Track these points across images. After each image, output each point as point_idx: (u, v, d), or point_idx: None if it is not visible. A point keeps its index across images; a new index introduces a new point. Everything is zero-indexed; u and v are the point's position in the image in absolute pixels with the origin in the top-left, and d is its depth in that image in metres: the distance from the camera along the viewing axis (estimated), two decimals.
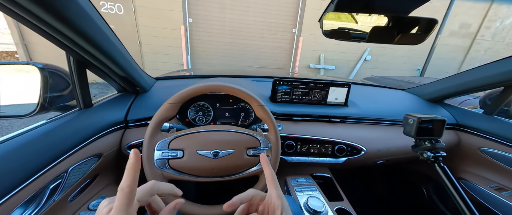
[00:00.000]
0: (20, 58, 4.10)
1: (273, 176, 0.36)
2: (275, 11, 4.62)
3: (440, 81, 1.04)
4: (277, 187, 0.35)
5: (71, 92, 0.62)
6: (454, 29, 5.15)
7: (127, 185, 0.27)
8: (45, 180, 0.47)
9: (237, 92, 0.60)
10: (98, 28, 0.48)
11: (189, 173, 0.55)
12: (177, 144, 0.55)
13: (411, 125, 0.57)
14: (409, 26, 0.60)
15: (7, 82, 0.62)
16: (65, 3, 0.38)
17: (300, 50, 4.85)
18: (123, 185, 0.27)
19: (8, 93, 0.62)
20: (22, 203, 0.42)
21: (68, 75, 0.60)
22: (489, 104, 0.94)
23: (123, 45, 0.64)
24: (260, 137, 0.61)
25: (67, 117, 0.59)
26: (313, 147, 0.84)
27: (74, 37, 0.44)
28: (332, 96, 0.91)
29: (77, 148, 0.55)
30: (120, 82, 0.75)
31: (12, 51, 6.34)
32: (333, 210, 0.70)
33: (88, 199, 0.63)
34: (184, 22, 4.33)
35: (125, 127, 0.74)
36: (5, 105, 0.60)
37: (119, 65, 0.62)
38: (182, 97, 0.57)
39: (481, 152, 0.88)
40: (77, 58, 0.56)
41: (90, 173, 0.61)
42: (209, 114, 0.84)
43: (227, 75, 1.20)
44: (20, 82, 0.61)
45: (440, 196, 1.05)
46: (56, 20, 0.38)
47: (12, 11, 0.36)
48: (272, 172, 0.37)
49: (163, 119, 0.56)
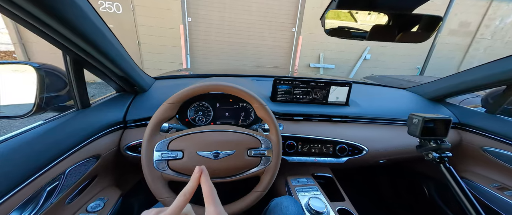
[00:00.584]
0: (18, 57, 4.07)
1: (211, 192, 0.31)
2: (275, 10, 4.60)
3: (441, 79, 1.03)
4: (216, 204, 0.30)
5: (69, 92, 0.61)
6: (454, 28, 5.14)
7: (190, 192, 0.30)
8: (42, 182, 0.46)
9: (237, 91, 0.59)
10: (95, 26, 0.47)
11: (189, 174, 0.55)
12: (177, 144, 0.54)
13: (416, 125, 0.56)
14: (412, 24, 0.59)
15: (3, 82, 0.61)
16: (60, 1, 0.37)
17: (300, 49, 4.84)
18: (187, 191, 0.30)
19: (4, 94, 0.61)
20: (19, 206, 0.41)
21: (65, 74, 0.59)
22: (491, 103, 0.93)
23: (121, 44, 0.63)
24: (261, 137, 0.60)
25: (64, 117, 0.58)
26: (314, 147, 0.83)
27: (69, 36, 0.43)
28: (333, 95, 0.90)
29: (74, 149, 0.54)
30: (119, 82, 0.74)
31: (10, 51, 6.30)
32: (335, 210, 0.69)
33: (87, 201, 0.62)
34: (183, 21, 4.31)
35: (124, 127, 0.73)
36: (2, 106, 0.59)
37: (117, 65, 0.61)
38: (181, 97, 0.56)
39: (483, 151, 0.87)
40: (74, 57, 0.55)
41: (88, 174, 0.60)
42: (209, 114, 0.83)
43: (227, 74, 1.19)
44: (17, 82, 0.60)
45: (442, 196, 1.05)
46: (50, 18, 0.37)
47: (5, 9, 0.35)
48: (211, 187, 0.31)
49: (162, 119, 0.55)
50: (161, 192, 0.51)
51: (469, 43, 5.42)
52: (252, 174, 0.58)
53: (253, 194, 0.57)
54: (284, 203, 0.60)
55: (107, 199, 0.65)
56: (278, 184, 0.87)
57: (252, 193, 0.57)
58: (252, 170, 0.58)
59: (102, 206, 0.62)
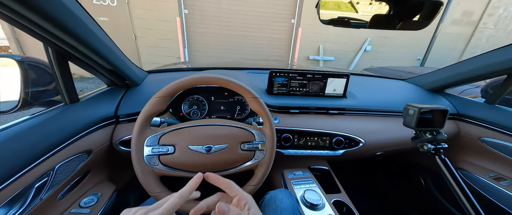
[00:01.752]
0: (13, 52, 4.01)
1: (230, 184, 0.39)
2: (273, 1, 4.48)
3: (441, 70, 1.01)
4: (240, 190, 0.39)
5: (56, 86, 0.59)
6: (456, 18, 5.03)
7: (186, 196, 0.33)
8: (29, 178, 0.45)
9: (230, 84, 0.57)
10: (74, 15, 0.44)
11: (181, 169, 0.54)
12: (168, 139, 0.53)
13: (411, 116, 0.54)
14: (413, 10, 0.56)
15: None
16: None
17: (299, 41, 4.76)
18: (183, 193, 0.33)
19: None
20: (5, 202, 0.40)
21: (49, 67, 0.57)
22: (491, 93, 0.91)
23: (109, 36, 0.60)
24: (255, 130, 0.59)
25: (51, 112, 0.56)
26: (311, 140, 0.82)
27: (46, 25, 0.41)
28: (330, 87, 0.88)
29: (63, 144, 0.53)
30: (108, 76, 0.72)
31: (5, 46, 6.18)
32: (330, 202, 0.69)
33: (80, 196, 0.62)
34: (179, 13, 4.21)
35: (116, 122, 0.72)
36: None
37: (104, 57, 0.58)
38: (171, 90, 0.54)
39: (481, 142, 0.87)
40: (56, 49, 0.52)
41: (80, 170, 0.59)
42: (204, 108, 0.82)
43: (223, 67, 1.16)
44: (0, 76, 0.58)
45: (438, 187, 1.05)
46: (21, 6, 0.35)
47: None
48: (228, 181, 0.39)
49: (151, 113, 0.53)
50: (152, 187, 0.51)
51: (471, 33, 5.32)
52: (246, 168, 0.58)
53: (247, 187, 0.56)
54: (278, 196, 0.60)
55: (100, 194, 0.65)
56: (274, 177, 0.87)
57: (246, 186, 0.56)
58: (246, 164, 0.57)
59: (95, 201, 0.62)
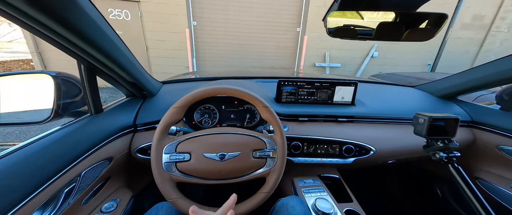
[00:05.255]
0: (35, 65, 4.30)
1: None
2: (278, 10, 4.61)
3: (453, 76, 1.00)
4: None
5: (82, 98, 0.65)
6: (466, 22, 4.93)
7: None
8: (60, 183, 0.49)
9: (242, 94, 0.60)
10: (106, 36, 0.50)
11: (197, 176, 0.56)
12: (184, 147, 0.56)
13: (422, 125, 0.55)
14: (417, 22, 0.57)
15: (24, 90, 0.66)
16: (74, 14, 0.39)
17: (305, 49, 4.81)
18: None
19: (25, 101, 0.66)
20: (40, 206, 0.44)
21: (79, 81, 0.62)
22: (507, 100, 0.89)
23: (130, 51, 0.66)
24: (266, 138, 0.61)
25: (79, 122, 0.61)
26: (320, 147, 0.83)
27: (83, 46, 0.46)
28: (339, 95, 0.90)
29: (89, 152, 0.57)
30: (128, 87, 0.77)
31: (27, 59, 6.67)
32: (342, 211, 0.69)
33: (101, 202, 0.65)
34: (188, 25, 4.40)
35: (134, 131, 0.76)
36: (23, 112, 0.63)
37: (127, 71, 0.64)
38: (188, 101, 0.58)
39: (499, 150, 0.84)
40: (87, 65, 0.58)
41: (102, 176, 0.63)
42: (215, 117, 0.85)
43: (232, 76, 1.21)
44: (36, 90, 0.64)
45: (455, 197, 1.01)
46: (66, 30, 0.40)
47: (22, 22, 0.38)
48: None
49: (169, 123, 0.57)
50: (170, 193, 0.53)
51: (483, 37, 5.18)
52: (258, 175, 0.59)
53: (260, 194, 0.57)
54: (290, 203, 0.61)
55: (119, 200, 0.68)
56: (284, 185, 0.87)
57: (259, 194, 0.58)
58: (258, 171, 0.59)
59: (115, 207, 0.65)
